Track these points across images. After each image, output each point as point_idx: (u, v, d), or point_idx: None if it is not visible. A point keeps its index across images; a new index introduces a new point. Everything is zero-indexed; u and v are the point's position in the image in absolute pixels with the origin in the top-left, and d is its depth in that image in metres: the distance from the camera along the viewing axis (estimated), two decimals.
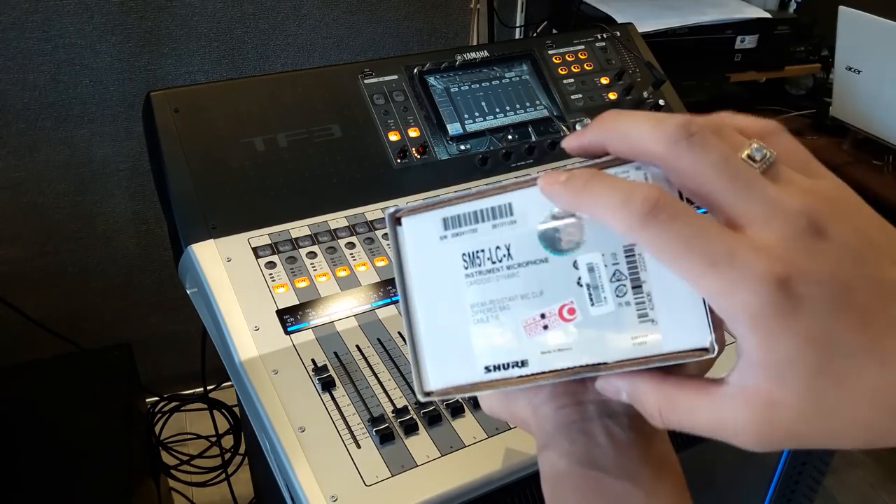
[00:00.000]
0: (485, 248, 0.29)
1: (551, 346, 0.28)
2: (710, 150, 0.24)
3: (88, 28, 1.28)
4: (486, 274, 0.29)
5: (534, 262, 0.28)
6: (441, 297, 0.30)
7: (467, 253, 0.29)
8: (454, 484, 0.53)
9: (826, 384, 0.23)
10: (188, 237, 0.71)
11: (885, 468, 1.57)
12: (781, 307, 0.22)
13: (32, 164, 1.34)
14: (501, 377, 0.30)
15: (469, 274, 0.30)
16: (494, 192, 0.29)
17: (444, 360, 0.30)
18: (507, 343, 0.29)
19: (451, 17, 1.56)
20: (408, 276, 0.31)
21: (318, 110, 0.82)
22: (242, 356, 0.62)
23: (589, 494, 0.30)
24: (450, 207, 0.30)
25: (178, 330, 1.61)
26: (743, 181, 0.24)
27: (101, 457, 0.96)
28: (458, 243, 0.30)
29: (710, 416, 0.25)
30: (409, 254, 0.31)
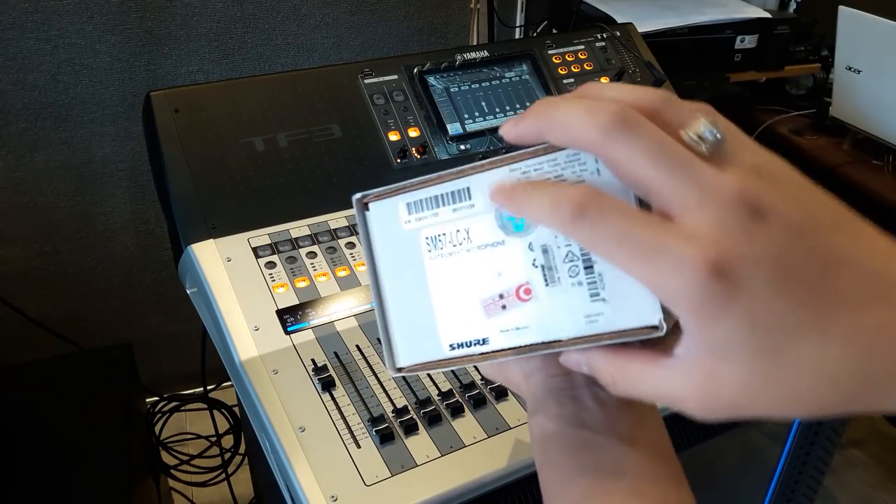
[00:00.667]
0: (446, 231, 0.30)
1: (509, 324, 0.30)
2: (643, 136, 0.24)
3: (88, 28, 1.28)
4: (447, 257, 0.31)
5: (491, 245, 0.30)
6: (407, 279, 0.32)
7: (430, 237, 0.31)
8: (454, 484, 0.53)
9: (768, 360, 0.23)
10: (188, 237, 0.71)
11: (886, 468, 1.57)
12: (717, 293, 0.23)
13: (32, 164, 1.34)
14: (465, 354, 0.31)
15: (432, 257, 0.31)
16: (453, 176, 0.30)
17: (412, 339, 0.32)
18: (469, 322, 0.31)
19: (451, 16, 1.56)
20: (376, 259, 0.33)
21: (318, 110, 0.82)
22: (242, 356, 0.62)
23: (578, 452, 0.31)
24: (412, 192, 0.31)
25: (178, 330, 1.61)
26: (678, 168, 0.24)
27: (101, 457, 0.96)
28: (421, 226, 0.31)
29: (657, 384, 0.26)
30: (376, 237, 0.33)
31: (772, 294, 0.23)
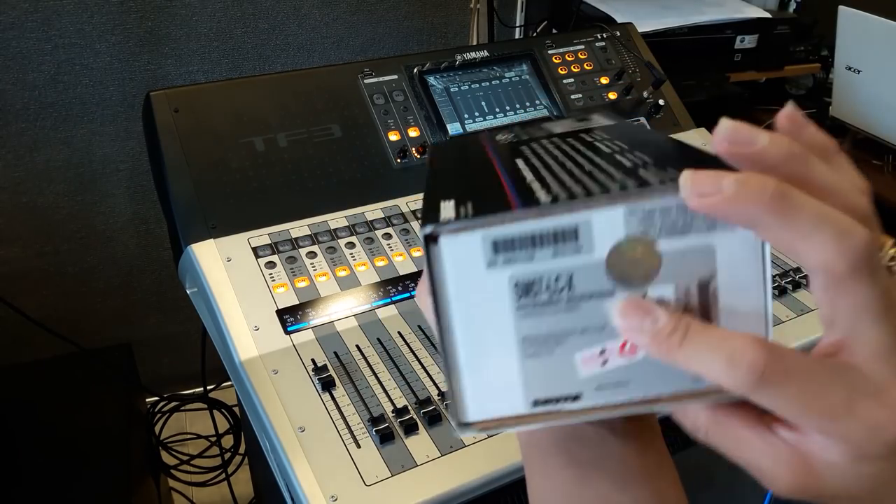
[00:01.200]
0: (542, 276, 0.26)
1: (608, 381, 0.26)
2: (879, 279, 0.23)
3: (88, 28, 1.28)
4: (541, 306, 0.26)
5: (597, 296, 0.26)
6: (487, 328, 0.27)
7: (521, 283, 0.26)
8: (454, 484, 0.53)
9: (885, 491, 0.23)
10: (188, 237, 0.71)
11: None
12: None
13: (32, 164, 1.34)
14: (550, 410, 0.27)
15: (521, 305, 0.26)
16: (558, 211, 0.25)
17: (487, 392, 0.28)
18: (561, 377, 0.27)
19: (451, 16, 1.56)
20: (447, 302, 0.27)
21: (318, 110, 0.82)
22: (242, 356, 0.62)
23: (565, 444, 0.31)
24: (501, 228, 0.25)
25: (178, 330, 1.61)
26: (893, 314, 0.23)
27: (101, 457, 0.96)
28: (510, 270, 0.26)
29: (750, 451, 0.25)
30: (448, 278, 0.27)
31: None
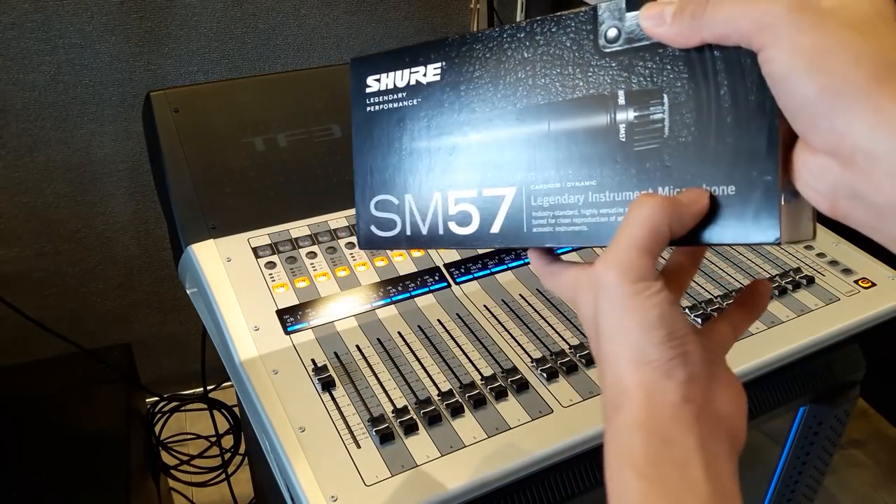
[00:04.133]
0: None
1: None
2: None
3: (88, 28, 1.28)
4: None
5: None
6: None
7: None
8: (454, 484, 0.53)
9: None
10: (188, 237, 0.71)
11: (886, 469, 1.57)
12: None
13: (32, 164, 1.34)
14: None
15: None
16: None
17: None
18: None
19: (451, 17, 1.56)
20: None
21: (318, 110, 0.82)
22: (242, 356, 0.62)
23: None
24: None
25: (178, 330, 1.61)
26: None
27: (101, 457, 0.96)
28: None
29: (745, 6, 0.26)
30: None
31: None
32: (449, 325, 0.67)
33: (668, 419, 0.28)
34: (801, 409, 0.85)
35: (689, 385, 0.29)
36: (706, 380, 0.30)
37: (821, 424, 0.86)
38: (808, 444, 0.88)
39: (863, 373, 0.83)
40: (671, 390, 0.29)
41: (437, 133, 0.37)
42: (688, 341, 0.29)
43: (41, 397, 1.06)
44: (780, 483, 0.93)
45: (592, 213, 0.33)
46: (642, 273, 0.29)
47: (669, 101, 0.30)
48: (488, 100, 0.35)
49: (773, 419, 0.83)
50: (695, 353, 0.29)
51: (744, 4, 0.26)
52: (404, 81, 0.38)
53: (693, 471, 0.27)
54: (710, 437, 0.29)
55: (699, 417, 0.29)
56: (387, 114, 0.39)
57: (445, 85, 0.37)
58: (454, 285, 0.72)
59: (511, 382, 0.61)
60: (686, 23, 0.28)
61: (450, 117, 0.37)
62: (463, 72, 0.36)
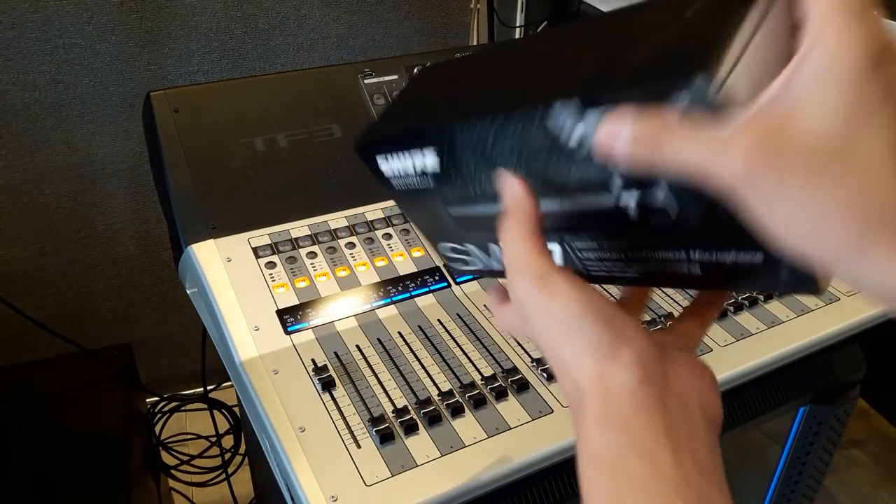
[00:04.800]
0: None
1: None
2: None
3: (88, 28, 1.28)
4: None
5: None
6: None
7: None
8: (454, 484, 0.53)
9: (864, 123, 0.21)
10: (188, 237, 0.71)
11: (886, 468, 1.57)
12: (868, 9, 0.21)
13: (32, 164, 1.34)
14: None
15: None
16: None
17: None
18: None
19: (451, 17, 1.56)
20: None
21: (318, 110, 0.82)
22: (242, 356, 0.62)
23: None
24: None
25: (178, 330, 1.61)
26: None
27: (101, 457, 0.96)
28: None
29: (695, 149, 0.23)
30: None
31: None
32: (449, 325, 0.67)
33: (628, 407, 0.27)
34: (801, 409, 0.85)
35: (642, 366, 0.28)
36: (660, 360, 0.29)
37: (821, 424, 0.86)
38: (808, 444, 0.89)
39: (863, 373, 0.83)
40: (623, 374, 0.28)
41: (467, 204, 0.36)
42: (624, 322, 0.29)
43: (41, 397, 1.06)
44: (780, 483, 0.93)
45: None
46: (542, 270, 0.29)
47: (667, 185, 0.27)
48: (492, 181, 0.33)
49: (773, 419, 0.83)
50: (637, 335, 0.29)
51: (701, 155, 0.23)
52: (411, 168, 0.36)
53: (660, 458, 0.26)
54: (680, 419, 0.27)
55: (661, 399, 0.27)
56: (414, 191, 0.38)
57: (449, 170, 0.35)
58: (454, 285, 0.72)
59: (511, 382, 0.61)
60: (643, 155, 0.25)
61: (468, 193, 0.35)
62: (459, 160, 0.34)
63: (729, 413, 0.70)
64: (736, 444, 0.89)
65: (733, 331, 0.70)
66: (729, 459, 0.28)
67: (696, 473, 0.26)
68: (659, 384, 0.28)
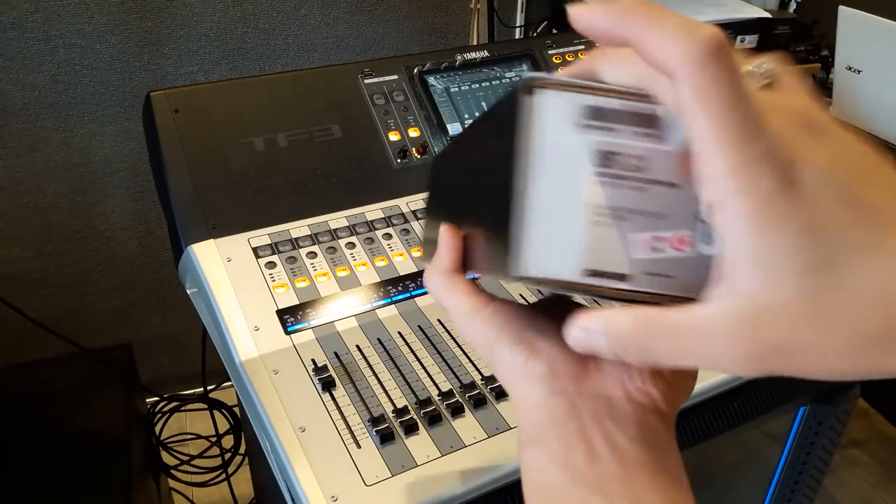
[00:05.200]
0: (620, 151, 0.28)
1: (655, 269, 0.27)
2: (732, 68, 0.22)
3: (88, 28, 1.28)
4: (614, 179, 0.28)
5: (663, 184, 0.27)
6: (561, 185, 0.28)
7: (601, 150, 0.28)
8: (454, 484, 0.53)
9: (824, 282, 0.21)
10: (188, 237, 0.71)
11: (886, 468, 1.57)
12: (787, 191, 0.21)
13: (32, 164, 1.34)
14: (596, 284, 0.28)
15: (599, 173, 0.28)
16: (641, 98, 0.27)
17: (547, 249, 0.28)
18: (614, 253, 0.28)
19: (451, 17, 1.56)
20: (530, 152, 0.28)
21: (318, 110, 0.82)
22: (242, 356, 0.62)
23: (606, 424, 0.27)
24: (596, 97, 0.28)
25: (178, 330, 1.61)
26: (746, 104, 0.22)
27: (101, 457, 0.96)
28: (594, 137, 0.28)
29: (693, 334, 0.24)
30: (536, 129, 0.28)
31: (832, 206, 0.21)
32: (449, 325, 0.67)
33: (543, 420, 0.28)
34: (801, 409, 0.85)
35: (553, 377, 0.29)
36: (574, 363, 0.29)
37: (821, 424, 0.86)
38: (808, 444, 0.89)
39: None
40: (536, 391, 0.29)
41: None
42: (536, 335, 0.30)
43: (41, 397, 1.06)
44: (780, 483, 0.93)
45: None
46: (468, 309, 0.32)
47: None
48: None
49: (773, 419, 0.83)
50: (549, 346, 0.30)
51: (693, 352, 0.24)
52: None
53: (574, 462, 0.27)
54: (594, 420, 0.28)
55: (573, 406, 0.28)
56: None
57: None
58: None
59: None
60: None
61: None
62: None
63: (729, 413, 0.70)
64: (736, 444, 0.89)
65: None
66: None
67: (621, 470, 0.26)
68: (571, 391, 0.29)
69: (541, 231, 0.28)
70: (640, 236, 0.27)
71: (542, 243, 0.28)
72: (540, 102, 0.28)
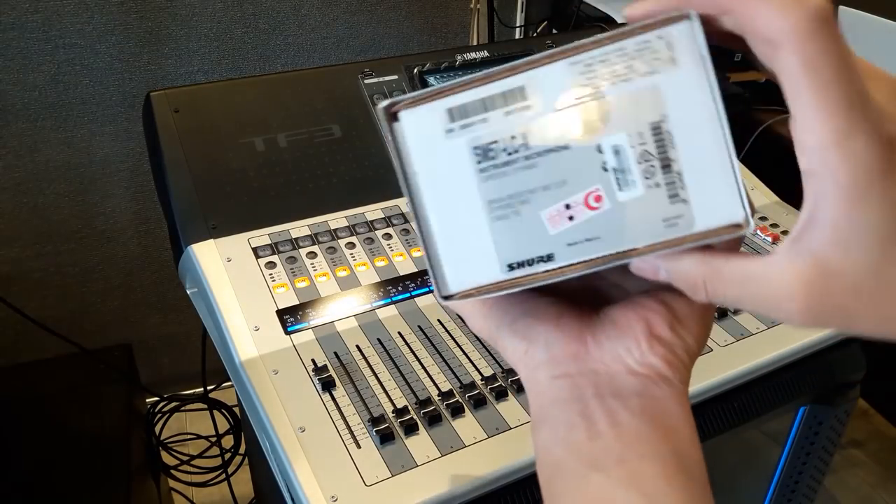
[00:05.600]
0: (498, 138, 0.27)
1: (578, 236, 0.27)
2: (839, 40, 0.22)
3: (88, 28, 1.28)
4: (501, 167, 0.27)
5: (553, 150, 0.26)
6: (453, 196, 0.28)
7: (479, 146, 0.27)
8: (454, 484, 0.53)
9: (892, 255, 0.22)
10: (188, 237, 0.71)
11: (886, 468, 1.57)
12: (887, 168, 0.21)
13: (32, 164, 1.34)
14: (526, 274, 0.28)
15: (483, 168, 0.27)
16: (503, 74, 0.26)
17: (463, 261, 0.28)
18: (531, 238, 0.27)
19: (450, 17, 1.56)
20: (412, 177, 0.28)
21: (318, 110, 0.82)
22: (242, 356, 0.62)
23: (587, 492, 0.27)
24: (454, 96, 0.27)
25: (178, 330, 1.61)
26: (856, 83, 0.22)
27: (101, 457, 0.96)
28: (468, 135, 0.27)
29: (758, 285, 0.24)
30: (411, 151, 0.28)
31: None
32: (449, 324, 0.67)
33: (548, 404, 0.29)
34: (801, 409, 0.85)
35: (554, 363, 0.29)
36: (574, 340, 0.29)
37: (821, 424, 0.86)
38: (808, 444, 0.88)
39: (863, 373, 0.83)
40: (539, 376, 0.29)
41: None
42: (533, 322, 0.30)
43: (41, 397, 1.06)
44: (780, 483, 0.93)
45: None
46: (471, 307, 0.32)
47: None
48: None
49: (773, 419, 0.83)
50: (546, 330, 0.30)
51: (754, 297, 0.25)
52: None
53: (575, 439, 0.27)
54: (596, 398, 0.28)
55: (575, 386, 0.28)
56: None
57: None
58: None
59: (511, 382, 0.61)
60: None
61: None
62: None
63: (729, 413, 0.70)
64: (736, 444, 0.89)
65: (733, 331, 0.70)
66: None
67: (619, 445, 0.27)
68: (572, 371, 0.29)
69: (451, 247, 0.28)
70: (549, 211, 0.27)
71: (457, 257, 0.28)
72: (405, 125, 0.28)
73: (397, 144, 0.28)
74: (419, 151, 0.28)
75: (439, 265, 0.28)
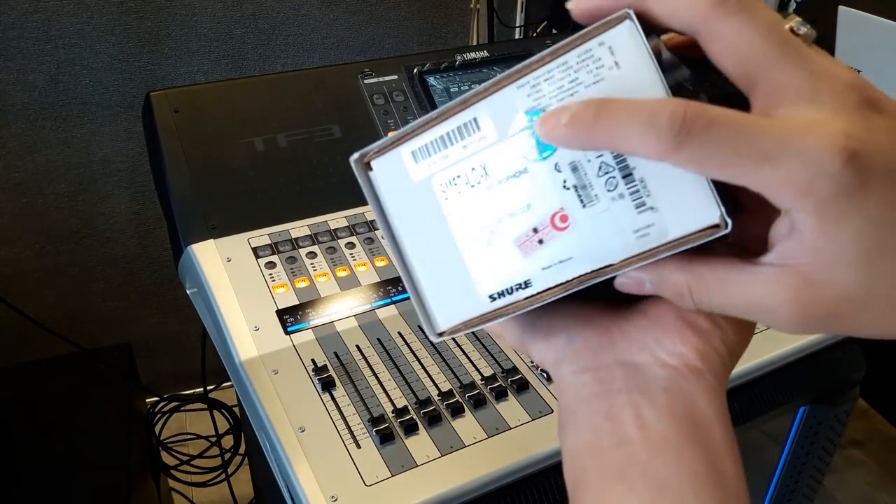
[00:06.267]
0: (460, 172, 0.27)
1: (551, 259, 0.26)
2: (758, 14, 0.21)
3: (88, 28, 1.28)
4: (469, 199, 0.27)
5: (514, 176, 0.26)
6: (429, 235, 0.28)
7: (443, 182, 0.28)
8: (454, 484, 0.53)
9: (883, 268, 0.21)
10: (188, 237, 0.71)
11: (885, 468, 1.57)
12: (850, 186, 0.20)
13: (32, 164, 1.34)
14: (508, 303, 0.27)
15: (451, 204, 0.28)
16: (456, 109, 0.27)
17: (447, 298, 0.29)
18: (507, 266, 0.27)
19: (451, 17, 1.56)
20: (391, 220, 0.29)
21: (318, 110, 0.82)
22: (242, 356, 0.62)
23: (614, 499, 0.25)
24: (415, 139, 0.28)
25: (178, 330, 1.61)
26: (793, 50, 0.21)
27: (101, 457, 0.96)
28: (433, 174, 0.28)
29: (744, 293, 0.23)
30: (385, 197, 0.29)
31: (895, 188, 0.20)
32: None
33: (572, 402, 0.27)
34: (801, 409, 0.85)
35: (576, 357, 0.28)
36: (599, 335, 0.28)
37: (821, 424, 0.86)
38: (808, 444, 0.88)
39: (863, 373, 0.83)
40: (563, 373, 0.28)
41: None
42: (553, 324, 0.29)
43: (41, 397, 1.06)
44: (780, 483, 0.93)
45: None
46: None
47: None
48: None
49: (773, 419, 0.83)
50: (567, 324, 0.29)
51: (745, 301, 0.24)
52: None
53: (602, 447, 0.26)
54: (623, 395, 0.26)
55: (602, 380, 0.27)
56: None
57: None
58: None
59: (511, 382, 0.61)
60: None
61: None
62: None
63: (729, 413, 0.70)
64: None
65: None
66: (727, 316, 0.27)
67: (645, 452, 0.25)
68: (596, 364, 0.28)
69: (434, 285, 0.29)
70: (518, 237, 0.27)
71: (442, 295, 0.29)
72: (377, 174, 0.29)
73: (374, 193, 0.29)
74: (392, 197, 0.29)
75: (427, 306, 0.29)
